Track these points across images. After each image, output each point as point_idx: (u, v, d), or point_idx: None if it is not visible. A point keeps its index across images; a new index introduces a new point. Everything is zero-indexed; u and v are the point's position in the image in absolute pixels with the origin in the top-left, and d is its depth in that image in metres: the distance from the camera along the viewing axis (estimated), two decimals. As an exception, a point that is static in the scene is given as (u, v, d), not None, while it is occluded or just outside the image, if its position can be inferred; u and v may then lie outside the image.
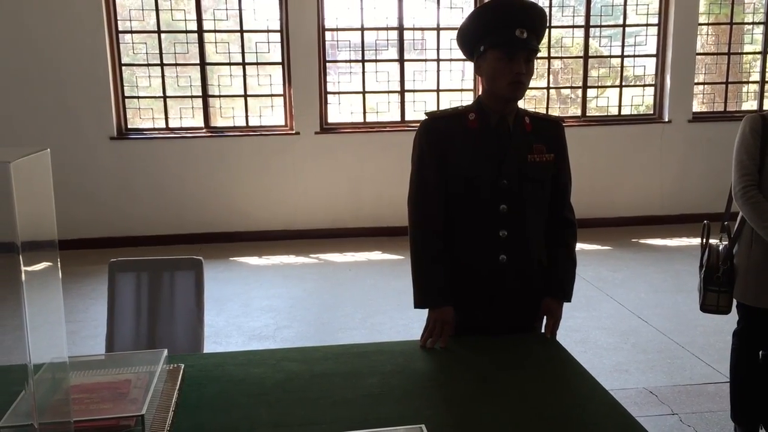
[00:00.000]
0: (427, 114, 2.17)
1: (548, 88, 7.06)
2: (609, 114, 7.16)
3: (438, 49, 6.76)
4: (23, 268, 0.99)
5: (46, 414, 1.17)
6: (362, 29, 6.65)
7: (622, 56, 7.03)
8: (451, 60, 6.78)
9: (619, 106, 7.11)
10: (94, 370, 1.71)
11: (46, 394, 1.18)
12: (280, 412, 1.61)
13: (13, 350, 3.83)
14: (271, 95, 6.65)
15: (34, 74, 6.14)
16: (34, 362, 1.03)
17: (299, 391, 1.72)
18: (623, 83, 7.10)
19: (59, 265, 1.19)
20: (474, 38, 2.05)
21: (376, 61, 6.79)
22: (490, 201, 2.07)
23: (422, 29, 6.84)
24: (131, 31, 6.44)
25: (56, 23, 6.09)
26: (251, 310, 4.81)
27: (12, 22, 6.04)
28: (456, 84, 6.90)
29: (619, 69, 7.10)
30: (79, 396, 1.52)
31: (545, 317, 2.17)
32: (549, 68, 7.04)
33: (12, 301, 1.02)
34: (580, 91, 7.08)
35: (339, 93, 6.77)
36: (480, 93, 2.17)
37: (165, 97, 6.53)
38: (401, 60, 6.72)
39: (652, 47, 7.01)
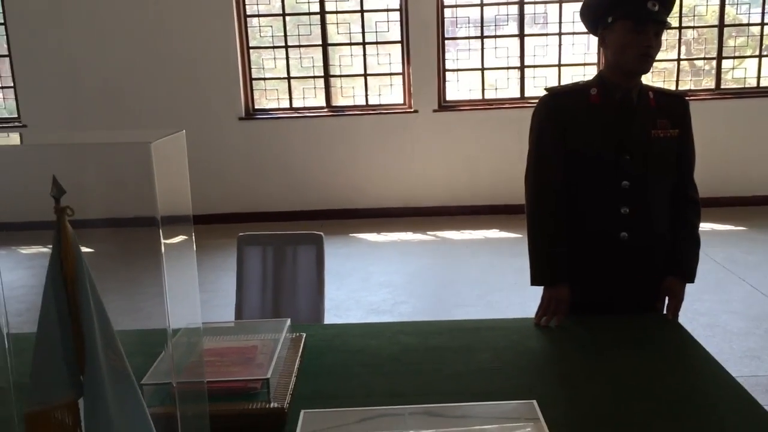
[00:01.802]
0: (546, 90, 2.14)
1: (679, 60, 6.69)
2: (747, 86, 6.70)
3: (560, 23, 6.56)
4: (163, 241, 1.07)
5: (183, 374, 1.27)
6: (482, 5, 6.57)
7: (762, 24, 6.54)
8: (573, 33, 6.58)
9: (758, 78, 6.63)
10: (224, 336, 1.84)
11: (182, 356, 1.28)
12: (395, 382, 1.67)
13: (153, 316, 4.13)
14: (390, 74, 6.72)
15: (168, 59, 6.52)
16: (173, 327, 1.12)
17: (413, 363, 1.77)
18: (763, 53, 6.61)
19: (194, 239, 1.28)
20: (602, 9, 2.00)
21: (495, 37, 6.69)
22: (611, 177, 2.03)
23: (544, 2, 6.65)
24: (258, 15, 6.69)
25: (189, 10, 6.43)
26: (370, 285, 4.93)
27: (148, 11, 6.44)
28: (578, 59, 6.69)
29: (759, 38, 6.61)
30: (211, 359, 1.64)
31: (667, 298, 2.11)
32: (680, 39, 6.66)
33: (151, 271, 1.11)
34: (714, 63, 6.66)
35: (457, 70, 6.73)
36: (602, 67, 2.12)
37: (289, 78, 6.75)
38: (521, 35, 6.59)
39: (797, 12, 6.48)
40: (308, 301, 2.59)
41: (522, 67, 6.64)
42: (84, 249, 1.01)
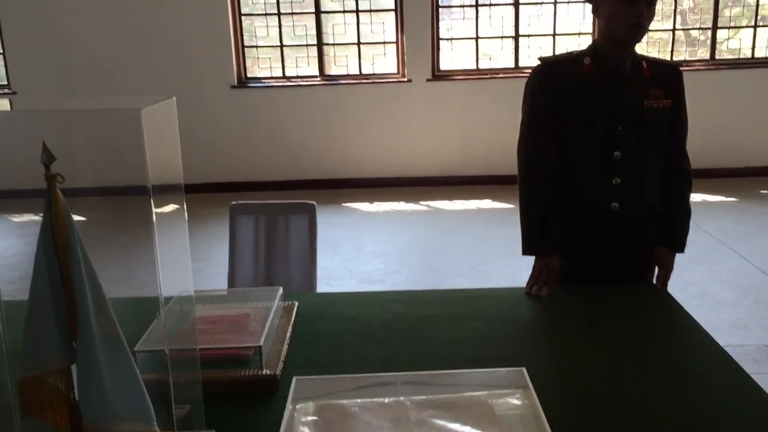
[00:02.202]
0: (540, 59, 2.13)
1: (674, 30, 6.65)
2: (741, 57, 6.68)
3: (555, -9, 6.51)
4: (154, 210, 1.07)
5: (175, 341, 1.28)
6: (477, -28, 6.50)
7: (759, -7, 6.50)
8: (569, 2, 6.52)
9: (753, 48, 6.62)
10: (217, 304, 1.84)
11: (175, 323, 1.29)
12: (387, 349, 1.68)
13: (146, 284, 4.14)
14: (384, 43, 6.66)
15: (159, 26, 6.44)
16: (165, 295, 1.12)
17: (405, 331, 1.78)
18: (758, 23, 6.58)
19: (185, 207, 1.28)
20: (595, -22, 1.99)
21: (490, 5, 6.63)
22: (603, 148, 2.03)
23: (539, -30, 6.59)
24: (249, -18, 6.60)
25: (180, -24, 6.34)
26: (363, 254, 4.95)
27: (140, -25, 6.34)
28: (573, 28, 6.64)
29: (755, 7, 6.57)
30: (204, 327, 1.65)
31: (657, 268, 2.13)
32: (675, 8, 6.62)
33: (144, 239, 1.11)
34: (709, 33, 6.63)
35: (451, 39, 6.68)
36: (596, 37, 2.11)
37: (282, 46, 6.69)
38: (516, 4, 6.53)
39: (793, -18, 6.44)
40: (301, 270, 2.60)
41: (516, 37, 6.60)
42: (75, 217, 1.01)
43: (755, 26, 6.59)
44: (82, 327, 1.00)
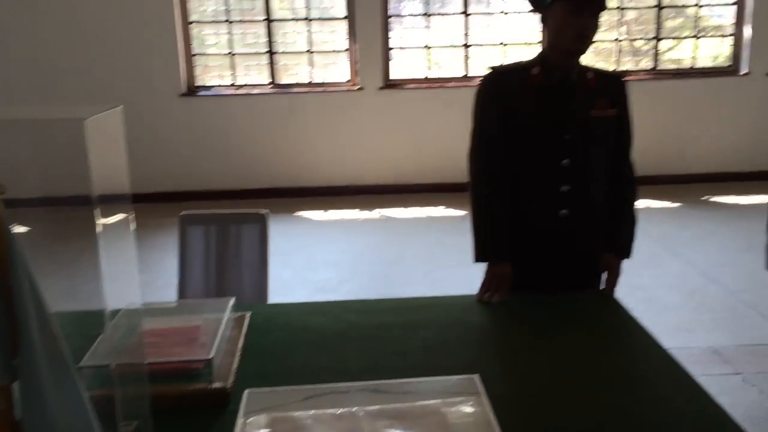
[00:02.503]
0: (489, 68, 2.16)
1: (619, 40, 6.82)
2: (683, 67, 6.89)
3: (504, 1, 6.60)
4: (99, 221, 1.05)
5: (122, 356, 1.25)
6: (427, -18, 6.56)
7: (699, 5, 6.72)
8: (517, 13, 6.63)
9: (694, 59, 6.83)
10: (167, 316, 1.81)
11: (122, 337, 1.26)
12: (340, 359, 1.67)
13: (91, 297, 4.03)
14: (336, 51, 6.67)
15: (105, 32, 6.31)
16: (111, 308, 1.10)
17: (358, 341, 1.78)
18: (699, 34, 6.80)
19: (132, 218, 1.25)
20: (542, -10, 2.02)
21: (440, 15, 6.69)
22: (552, 156, 2.07)
23: (488, -19, 6.69)
24: (199, -11, 6.53)
25: (127, -18, 6.23)
26: (316, 263, 4.92)
27: (85, -19, 6.21)
28: (522, 38, 6.75)
29: (695, 19, 6.79)
30: (153, 340, 1.61)
31: (605, 274, 2.17)
32: (620, 19, 6.79)
33: (89, 251, 1.09)
34: (652, 43, 6.82)
35: (403, 48, 6.72)
36: (544, 47, 2.14)
37: (232, 54, 6.63)
38: (466, 13, 6.61)
39: (731, -5, 6.68)
40: (253, 280, 2.57)
41: (466, 46, 6.67)
42: (18, 228, 0.98)
43: (696, 37, 6.80)
44: (23, 343, 0.97)
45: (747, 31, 6.62)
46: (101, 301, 1.09)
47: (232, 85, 6.69)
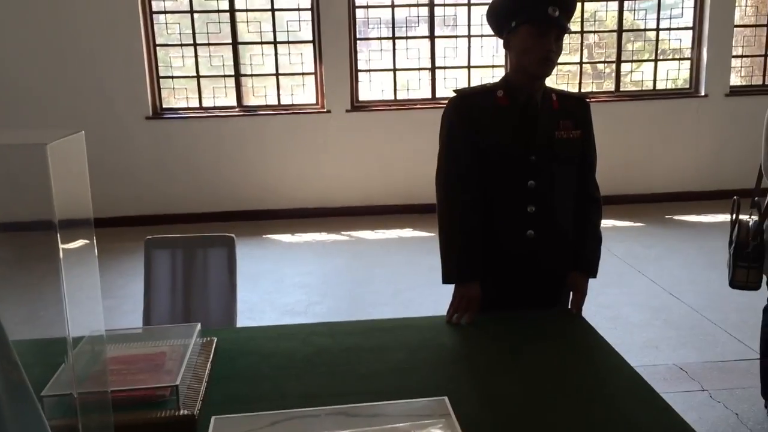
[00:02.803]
0: (455, 91, 2.18)
1: (581, 63, 6.95)
2: (644, 89, 7.04)
3: (469, 25, 6.70)
4: (61, 246, 1.03)
5: (85, 384, 1.22)
6: (393, 6, 6.63)
7: (658, 29, 6.90)
8: (482, 36, 6.72)
9: (654, 81, 6.99)
10: (132, 342, 1.78)
11: (85, 365, 1.23)
12: (308, 384, 1.66)
13: (53, 324, 3.94)
14: (303, 74, 6.68)
15: (70, 55, 6.25)
16: (73, 335, 1.08)
17: (327, 364, 1.76)
18: (659, 57, 6.97)
19: (95, 243, 1.23)
20: (506, 13, 2.05)
21: (406, 38, 6.76)
22: (518, 177, 2.09)
23: (453, 5, 6.78)
24: (165, 12, 6.51)
25: (92, 5, 6.19)
26: (284, 286, 4.89)
27: (49, 4, 6.15)
28: (487, 60, 6.85)
29: (655, 42, 6.96)
30: (117, 367, 1.59)
31: (571, 293, 2.19)
32: (582, 42, 6.94)
33: (51, 277, 1.07)
34: (614, 66, 6.97)
35: (370, 71, 6.77)
36: (508, 70, 2.18)
37: (198, 77, 6.61)
38: (432, 37, 6.69)
39: (688, 19, 6.86)
40: (220, 304, 2.54)
41: (433, 69, 6.74)
42: (-24, 255, 0.96)
43: (656, 59, 6.97)
44: (-19, 373, 0.94)
45: (704, 54, 6.81)
46: (64, 328, 1.07)
47: (199, 107, 6.65)
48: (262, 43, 6.62)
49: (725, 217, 6.21)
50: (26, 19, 6.14)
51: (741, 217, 2.79)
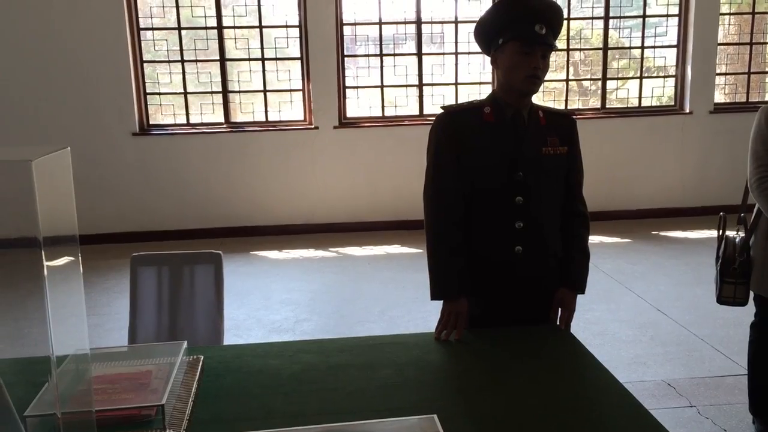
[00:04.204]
0: (442, 108, 2.19)
1: (567, 80, 7.01)
2: (629, 106, 7.11)
3: (456, 43, 6.75)
4: (45, 263, 1.02)
5: (69, 404, 1.20)
6: (380, 23, 6.67)
7: (643, 47, 6.97)
8: (469, 53, 6.77)
9: (640, 98, 7.05)
10: (117, 361, 1.76)
11: (69, 384, 1.22)
12: (296, 402, 1.64)
13: (38, 342, 3.90)
14: (290, 90, 6.69)
15: (57, 71, 6.23)
16: (57, 354, 1.06)
17: (315, 382, 1.75)
18: (644, 74, 7.04)
19: (80, 260, 1.22)
20: (493, 31, 2.07)
21: (394, 55, 6.80)
22: (505, 193, 2.09)
23: (440, 22, 6.83)
24: (152, 28, 6.51)
25: (78, 21, 6.18)
26: (271, 303, 4.86)
27: (35, 20, 6.13)
28: (474, 77, 6.89)
29: (640, 60, 7.04)
30: (102, 386, 1.56)
31: (559, 309, 2.19)
32: (568, 60, 7.00)
33: (36, 294, 1.05)
34: (600, 83, 7.03)
35: (357, 87, 6.79)
36: (495, 87, 2.19)
37: (186, 93, 6.60)
38: (419, 54, 6.72)
39: (673, 38, 6.95)
40: (206, 322, 2.52)
41: (420, 85, 6.78)
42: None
43: (641, 77, 7.04)
44: (-37, 394, 0.92)
45: (689, 72, 6.89)
46: (48, 346, 1.05)
47: (187, 123, 6.64)
48: (249, 59, 6.63)
49: (711, 233, 6.24)
50: (13, 34, 6.12)
51: (728, 233, 2.81)
